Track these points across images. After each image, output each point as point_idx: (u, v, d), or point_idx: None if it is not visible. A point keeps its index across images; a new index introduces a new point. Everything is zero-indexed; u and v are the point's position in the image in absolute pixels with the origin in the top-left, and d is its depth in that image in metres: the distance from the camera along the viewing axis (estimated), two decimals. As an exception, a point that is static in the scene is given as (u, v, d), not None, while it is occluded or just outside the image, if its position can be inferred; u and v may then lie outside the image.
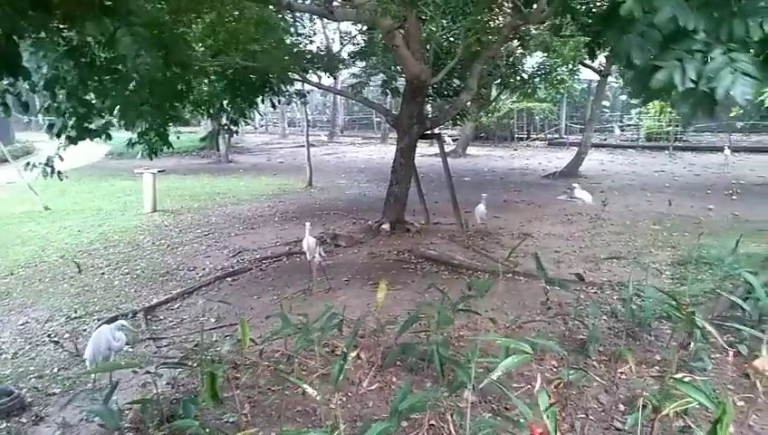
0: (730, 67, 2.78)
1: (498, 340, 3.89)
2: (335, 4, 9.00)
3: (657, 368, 4.38)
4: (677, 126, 23.03)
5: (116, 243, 9.48)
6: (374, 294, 5.38)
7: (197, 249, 9.03)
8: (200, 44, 8.78)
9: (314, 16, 12.43)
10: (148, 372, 4.29)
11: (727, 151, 16.93)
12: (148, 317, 6.09)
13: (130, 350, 5.18)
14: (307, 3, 9.14)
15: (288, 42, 10.28)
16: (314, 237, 6.80)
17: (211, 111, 9.97)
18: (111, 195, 14.54)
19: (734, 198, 12.32)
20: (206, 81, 9.39)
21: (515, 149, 25.29)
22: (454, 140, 24.62)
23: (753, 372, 3.96)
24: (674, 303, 4.64)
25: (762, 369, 3.76)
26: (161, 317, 6.20)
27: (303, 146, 17.23)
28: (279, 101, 11.07)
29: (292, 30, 10.71)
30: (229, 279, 7.38)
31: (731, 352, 3.95)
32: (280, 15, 9.63)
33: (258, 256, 8.32)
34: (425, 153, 18.84)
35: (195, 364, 4.42)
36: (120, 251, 8.96)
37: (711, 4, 2.92)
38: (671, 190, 13.36)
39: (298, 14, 11.28)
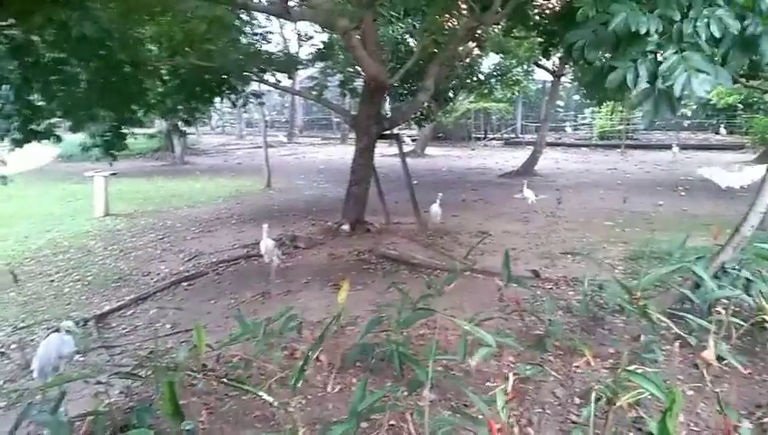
0: (684, 65, 2.89)
1: (463, 325, 3.91)
2: (291, 3, 8.93)
3: (611, 361, 4.48)
4: (629, 125, 23.75)
5: (66, 249, 9.16)
6: (334, 295, 5.35)
7: (152, 254, 8.81)
8: (154, 44, 8.60)
9: (271, 16, 12.30)
10: (100, 383, 4.16)
11: (675, 149, 17.56)
12: (100, 325, 5.90)
13: (82, 359, 5.01)
14: (263, 2, 9.02)
15: (244, 41, 10.15)
16: (272, 239, 6.72)
17: (164, 111, 9.75)
18: (61, 199, 14.06)
19: (682, 194, 12.77)
20: (159, 81, 9.19)
21: (473, 149, 25.61)
22: (413, 141, 24.76)
23: (701, 362, 4.11)
24: (627, 296, 4.76)
25: (709, 359, 3.90)
26: (114, 325, 6.02)
27: (261, 147, 17.04)
28: (236, 102, 10.92)
29: (247, 30, 10.56)
30: (185, 284, 7.22)
31: (677, 344, 4.07)
32: (235, 15, 9.49)
33: (215, 260, 8.16)
34: (385, 153, 18.86)
35: (149, 372, 4.30)
36: (71, 257, 8.66)
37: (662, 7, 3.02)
38: (623, 187, 13.74)
39: (255, 14, 11.16)
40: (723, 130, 24.69)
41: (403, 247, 8.48)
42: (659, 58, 3.06)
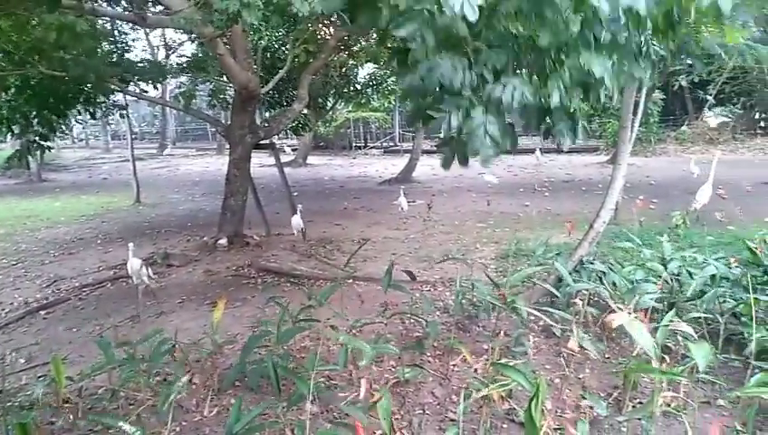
0: (483, 129, 3.07)
1: (339, 336, 3.91)
2: (155, 10, 8.50)
3: (485, 357, 4.68)
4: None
5: None
6: (211, 314, 5.13)
7: (3, 282, 7.95)
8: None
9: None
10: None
11: (538, 153, 18.81)
12: (-62, 366, 5.20)
13: None
14: (116, 9, 8.49)
15: (106, 49, 9.50)
16: (140, 259, 6.32)
17: (13, 127, 8.84)
18: None
19: (546, 194, 13.74)
20: (4, 93, 8.33)
21: (354, 158, 25.89)
22: (294, 150, 24.56)
23: (565, 351, 4.41)
24: (496, 293, 5.01)
25: (572, 348, 4.20)
26: (-44, 365, 5.34)
27: (129, 160, 16.07)
28: (96, 113, 10.17)
29: (108, 37, 9.89)
30: (43, 312, 6.58)
31: (533, 337, 4.34)
32: (89, 22, 8.83)
33: (78, 284, 7.54)
34: (264, 163, 18.58)
35: (-2, 414, 3.85)
36: None
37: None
38: (493, 190, 14.50)
39: (118, 21, 10.49)
40: (579, 135, 26.91)
41: (284, 259, 8.34)
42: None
